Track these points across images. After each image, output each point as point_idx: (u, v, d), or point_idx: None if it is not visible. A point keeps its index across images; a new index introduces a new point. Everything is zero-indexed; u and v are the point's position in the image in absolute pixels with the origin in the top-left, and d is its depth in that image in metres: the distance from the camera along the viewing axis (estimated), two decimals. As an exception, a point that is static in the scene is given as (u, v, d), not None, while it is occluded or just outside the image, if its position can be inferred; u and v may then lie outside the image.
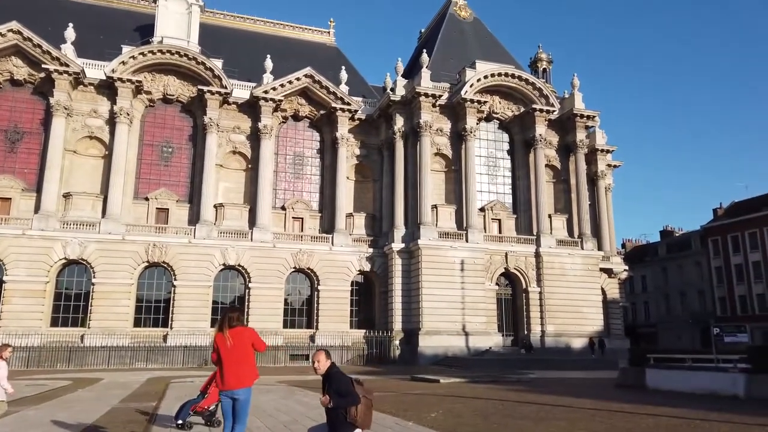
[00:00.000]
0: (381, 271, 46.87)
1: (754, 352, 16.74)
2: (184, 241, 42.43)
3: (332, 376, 7.12)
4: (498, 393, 17.45)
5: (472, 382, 22.39)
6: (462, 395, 16.46)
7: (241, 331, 7.77)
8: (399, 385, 20.56)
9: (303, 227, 47.64)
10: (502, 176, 50.65)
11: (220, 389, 7.70)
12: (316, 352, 7.45)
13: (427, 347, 41.75)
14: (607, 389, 20.33)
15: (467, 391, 18.04)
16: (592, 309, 46.75)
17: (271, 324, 43.08)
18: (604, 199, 55.98)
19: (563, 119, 50.96)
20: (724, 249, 64.62)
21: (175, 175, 46.13)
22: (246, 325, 8.16)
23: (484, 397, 16.24)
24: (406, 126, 47.36)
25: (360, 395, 7.01)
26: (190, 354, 39.45)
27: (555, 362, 39.49)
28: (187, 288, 41.77)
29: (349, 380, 7.11)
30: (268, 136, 46.38)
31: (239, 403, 7.63)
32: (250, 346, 7.73)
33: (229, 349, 7.62)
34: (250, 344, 7.74)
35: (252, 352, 7.78)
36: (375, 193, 50.07)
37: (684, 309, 70.05)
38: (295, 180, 49.29)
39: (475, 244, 44.86)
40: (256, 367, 7.86)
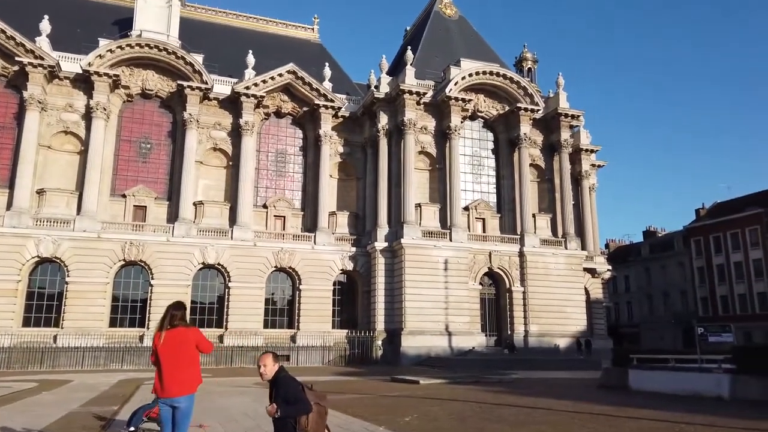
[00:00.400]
0: (364, 270, 46.29)
1: (739, 353, 16.41)
2: (162, 240, 41.48)
3: (279, 381, 6.44)
4: (478, 395, 16.96)
5: (452, 383, 21.90)
6: (440, 397, 15.96)
7: (182, 332, 7.08)
8: (377, 387, 20.00)
9: (285, 226, 46.87)
10: (486, 175, 50.32)
11: (159, 396, 7.02)
12: (262, 354, 6.71)
13: (409, 347, 41.25)
14: (590, 390, 19.95)
15: (446, 392, 17.54)
16: (575, 309, 46.60)
17: (252, 324, 42.35)
18: (588, 198, 55.95)
19: (548, 118, 50.77)
20: (707, 249, 64.99)
21: (154, 172, 45.12)
22: (188, 324, 7.29)
23: (463, 399, 15.74)
24: (390, 124, 46.84)
25: (312, 402, 6.35)
26: (167, 355, 38.45)
27: (538, 362, 39.18)
28: (164, 287, 40.79)
29: (299, 386, 6.44)
30: (250, 132, 45.57)
31: (180, 411, 6.97)
32: (193, 348, 7.05)
33: (169, 351, 6.92)
34: (193, 346, 7.05)
35: (196, 355, 7.11)
36: (358, 192, 49.47)
37: (666, 309, 70.40)
38: (277, 178, 48.51)
39: (459, 244, 44.46)
40: (200, 372, 7.22)
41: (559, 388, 21.14)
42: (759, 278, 58.92)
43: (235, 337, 41.14)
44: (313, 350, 42.25)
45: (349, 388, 19.22)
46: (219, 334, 41.58)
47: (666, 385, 17.52)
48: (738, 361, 16.11)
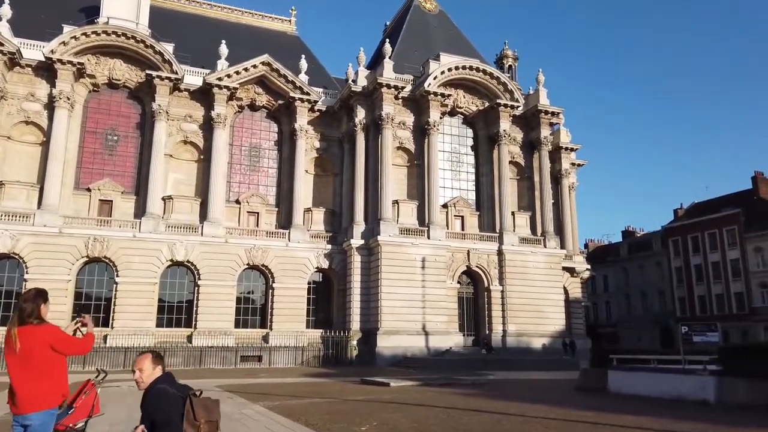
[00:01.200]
0: (340, 268, 45.08)
1: (725, 353, 15.48)
2: (128, 235, 39.79)
3: (150, 395, 4.93)
4: (448, 399, 15.92)
5: (424, 385, 20.83)
6: (407, 402, 14.88)
7: (32, 331, 5.43)
8: (343, 390, 18.86)
9: (258, 222, 45.45)
10: (465, 172, 49.46)
11: (11, 411, 5.51)
12: (139, 356, 5.24)
13: (385, 348, 40.15)
14: (567, 393, 19.03)
15: (415, 396, 16.46)
16: (554, 308, 45.94)
17: (222, 324, 40.89)
18: (567, 197, 55.43)
19: (528, 115, 50.08)
20: (684, 249, 65.02)
21: (121, 165, 43.36)
22: (43, 321, 5.60)
23: (431, 404, 14.67)
24: (367, 118, 45.68)
25: (200, 421, 4.74)
26: (132, 356, 36.72)
27: (516, 362, 38.40)
28: (130, 285, 39.14)
29: (176, 403, 4.83)
30: (222, 125, 44.04)
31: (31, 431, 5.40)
32: (46, 352, 5.43)
33: (17, 356, 5.38)
34: (46, 349, 5.43)
35: (54, 360, 5.49)
36: (335, 188, 48.24)
37: (645, 309, 70.39)
38: (250, 173, 47.02)
39: (437, 241, 43.50)
40: (60, 382, 5.56)
41: (534, 390, 20.20)
42: (736, 278, 59.03)
43: (204, 338, 39.65)
44: (286, 350, 40.92)
45: (313, 391, 18.08)
46: (188, 334, 40.08)
47: (647, 387, 16.57)
48: (724, 363, 15.16)
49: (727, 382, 14.77)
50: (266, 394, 17.34)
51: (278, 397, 16.27)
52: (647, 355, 19.57)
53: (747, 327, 55.72)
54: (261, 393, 17.61)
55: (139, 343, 37.50)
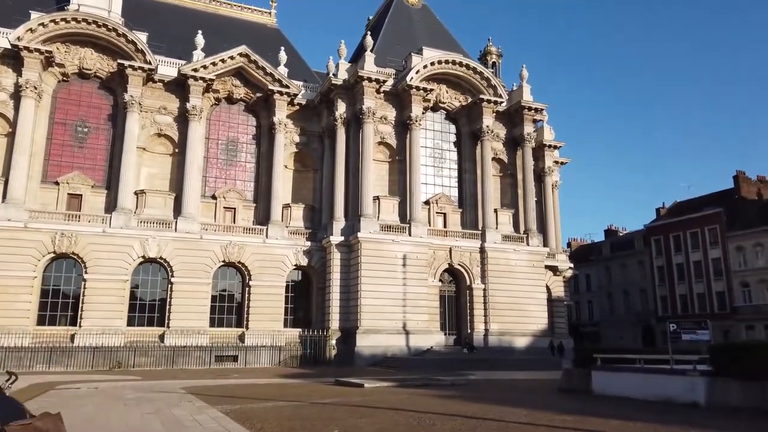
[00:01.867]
0: (319, 266, 43.99)
1: (717, 352, 14.61)
2: (98, 231, 38.29)
3: None
4: (423, 401, 14.94)
5: (400, 386, 19.85)
6: (378, 405, 13.88)
7: None
8: (313, 392, 17.79)
9: (235, 218, 44.18)
10: (448, 168, 48.62)
11: None
12: None
13: (364, 347, 39.15)
14: (549, 395, 18.17)
15: (388, 398, 15.45)
16: (537, 307, 45.32)
17: (196, 323, 39.59)
18: (550, 195, 54.95)
19: (511, 111, 49.40)
20: (666, 248, 64.97)
21: (92, 158, 41.78)
22: None
23: (404, 407, 13.67)
24: (348, 112, 44.62)
25: None
26: (100, 356, 35.46)
27: (498, 362, 37.69)
28: (99, 282, 37.66)
29: None
30: (198, 118, 42.67)
31: None
32: None
33: None
34: None
35: None
36: (315, 184, 47.13)
37: (627, 308, 70.30)
38: (227, 167, 45.70)
39: (419, 239, 42.60)
40: None
41: (515, 392, 19.32)
42: (718, 277, 59.04)
43: (177, 337, 38.32)
44: (262, 350, 39.77)
45: (281, 394, 17.02)
46: (160, 333, 38.71)
47: (633, 388, 15.74)
48: (715, 362, 14.31)
49: (718, 384, 13.97)
50: (230, 396, 16.26)
51: (242, 400, 15.21)
52: (633, 355, 18.69)
53: (728, 326, 55.71)
54: (225, 396, 16.52)
55: (109, 342, 36.18)
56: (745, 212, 58.79)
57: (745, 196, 60.47)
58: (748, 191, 60.71)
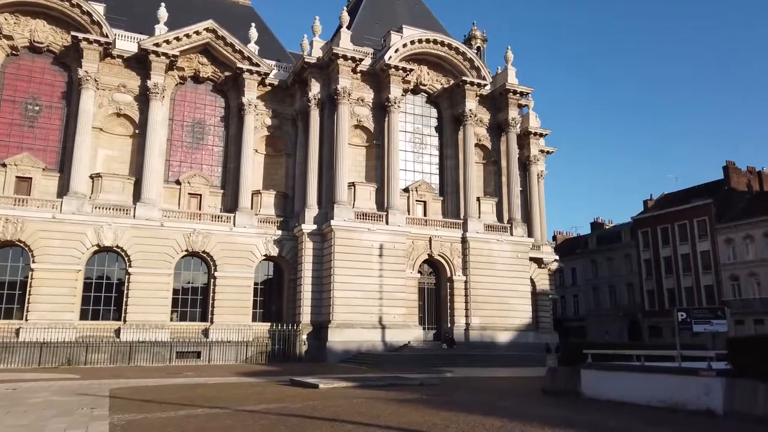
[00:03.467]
0: (291, 256, 41.34)
1: (739, 347, 11.95)
2: (47, 216, 35.28)
3: None
4: (377, 408, 12.43)
5: (361, 386, 17.35)
6: (317, 415, 11.25)
7: None
8: (256, 394, 15.10)
9: (201, 205, 41.38)
10: (428, 155, 46.17)
11: None
12: None
13: (337, 342, 36.63)
14: (531, 398, 15.76)
15: (338, 404, 12.90)
16: (520, 300, 43.10)
17: (156, 316, 36.79)
18: (536, 185, 52.79)
19: (495, 95, 47.07)
20: (654, 241, 63.23)
21: (43, 139, 38.71)
22: None
23: (348, 417, 11.00)
24: (322, 93, 41.94)
25: None
26: (48, 352, 32.52)
27: (478, 358, 35.45)
28: (48, 272, 34.69)
29: None
30: (159, 96, 39.72)
31: None
32: None
33: None
34: None
35: None
36: (288, 169, 44.41)
37: (613, 302, 68.55)
38: (193, 151, 42.82)
39: (397, 227, 40.13)
40: None
41: (492, 393, 16.88)
42: (706, 271, 57.36)
43: (134, 332, 35.50)
44: (228, 346, 37.08)
45: (215, 397, 14.44)
46: (116, 328, 35.85)
47: (631, 392, 13.22)
48: (737, 360, 11.62)
49: (740, 387, 11.30)
50: (152, 402, 13.68)
51: (161, 406, 12.68)
52: (631, 351, 16.13)
53: (717, 321, 53.86)
54: (148, 400, 13.94)
55: (58, 337, 33.28)
56: (734, 204, 57.14)
57: (735, 188, 58.81)
58: (738, 182, 59.07)
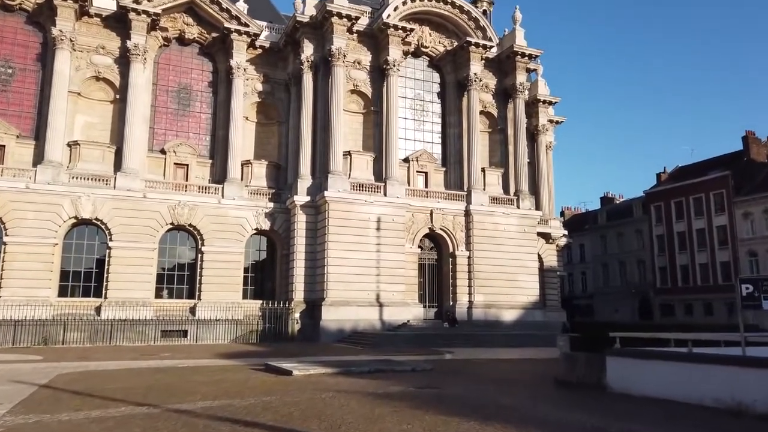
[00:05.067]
0: (283, 230, 38.96)
1: None
2: (20, 186, 32.91)
3: None
4: (348, 408, 9.82)
5: (342, 373, 14.92)
6: (259, 420, 8.68)
7: None
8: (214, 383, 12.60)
9: (188, 176, 38.93)
10: (430, 122, 43.36)
11: None
12: None
13: (331, 321, 34.43)
14: (543, 391, 13.19)
15: (301, 400, 10.32)
16: (527, 277, 40.68)
17: (139, 293, 34.61)
18: (544, 157, 49.97)
19: (502, 59, 44.00)
20: (667, 216, 60.40)
21: (17, 104, 36.19)
22: None
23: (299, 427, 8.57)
24: (316, 55, 39.05)
25: None
26: (24, 330, 30.48)
27: (482, 338, 33.19)
28: (21, 246, 32.45)
29: None
30: (141, 58, 36.98)
31: None
32: None
33: None
34: None
35: None
36: (281, 138, 41.80)
37: (623, 279, 66.00)
38: (179, 118, 40.19)
39: (395, 199, 37.60)
40: None
41: (495, 383, 14.43)
42: (723, 246, 54.64)
43: (116, 309, 33.35)
44: (217, 325, 34.96)
45: (169, 386, 12.10)
46: (96, 305, 33.73)
47: (675, 387, 10.39)
48: None
49: None
50: (83, 394, 11.39)
51: (87, 401, 10.39)
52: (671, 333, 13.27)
53: (734, 299, 51.45)
54: (79, 392, 11.66)
55: (34, 315, 31.17)
56: (754, 176, 54.11)
57: (754, 159, 55.72)
58: (757, 153, 55.95)
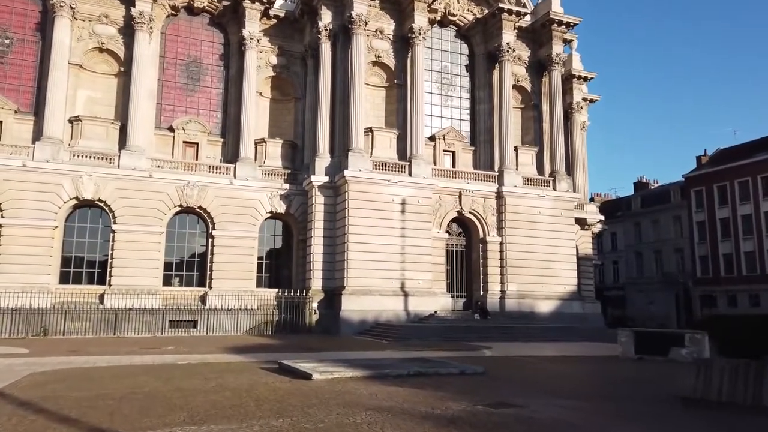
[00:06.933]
0: (300, 213, 36.17)
1: None
2: (17, 164, 30.47)
3: None
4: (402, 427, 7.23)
5: (374, 378, 11.81)
6: None
7: None
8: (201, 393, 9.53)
9: (198, 155, 36.29)
10: (458, 98, 40.12)
11: None
12: None
13: (351, 311, 31.61)
14: (671, 412, 9.75)
15: (332, 424, 7.64)
16: (564, 265, 37.41)
17: (145, 280, 32.10)
18: (579, 137, 46.45)
19: (536, 27, 40.49)
20: (709, 201, 56.44)
21: (15, 77, 33.74)
22: None
23: None
24: (335, 23, 35.97)
25: None
26: (22, 319, 28.18)
27: (517, 331, 30.16)
28: (18, 229, 30.06)
29: None
30: (147, 28, 34.26)
31: None
32: None
33: None
34: None
35: None
36: (297, 115, 38.90)
37: (658, 269, 62.20)
38: (188, 94, 37.47)
39: (421, 180, 34.53)
40: None
41: (588, 399, 11.01)
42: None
43: (121, 297, 30.89)
44: (229, 315, 32.35)
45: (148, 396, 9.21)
46: (100, 293, 31.29)
47: None
48: None
49: None
50: (34, 409, 8.62)
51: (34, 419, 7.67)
52: None
53: (784, 290, 47.69)
54: (33, 406, 8.92)
55: (32, 303, 28.81)
56: (806, 157, 49.96)
57: (807, 139, 51.51)
58: (811, 133, 51.62)
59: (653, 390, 12.40)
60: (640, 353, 18.73)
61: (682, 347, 17.69)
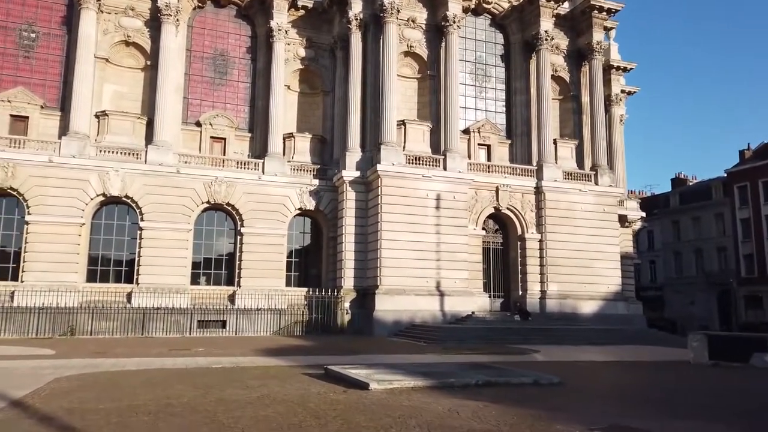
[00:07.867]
0: (330, 210, 34.93)
1: None
2: (43, 160, 29.76)
3: None
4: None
5: (439, 388, 10.26)
6: None
7: None
8: (247, 407, 8.33)
9: (225, 150, 35.30)
10: (493, 89, 38.47)
11: None
12: None
13: (386, 312, 30.22)
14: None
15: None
16: (607, 263, 35.48)
17: (173, 278, 31.18)
18: (618, 130, 44.43)
19: (575, 15, 38.64)
20: (754, 197, 53.76)
21: (41, 72, 33.10)
22: None
23: None
24: (365, 12, 34.64)
25: None
26: (48, 318, 27.48)
27: (561, 333, 28.45)
28: (45, 226, 29.35)
29: None
30: (173, 20, 33.36)
31: None
32: None
33: None
34: None
35: None
36: (326, 109, 37.68)
37: (699, 268, 59.57)
38: (215, 88, 36.49)
39: (457, 174, 32.99)
40: None
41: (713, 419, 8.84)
42: (824, 231, 47.94)
43: (148, 296, 30.00)
44: (258, 315, 31.25)
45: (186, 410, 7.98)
46: (127, 292, 30.43)
47: None
48: None
49: None
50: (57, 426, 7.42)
51: None
52: None
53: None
54: (56, 422, 7.71)
55: (59, 301, 28.10)
56: None
57: None
58: None
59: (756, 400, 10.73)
60: (714, 359, 16.98)
61: (766, 353, 15.96)
